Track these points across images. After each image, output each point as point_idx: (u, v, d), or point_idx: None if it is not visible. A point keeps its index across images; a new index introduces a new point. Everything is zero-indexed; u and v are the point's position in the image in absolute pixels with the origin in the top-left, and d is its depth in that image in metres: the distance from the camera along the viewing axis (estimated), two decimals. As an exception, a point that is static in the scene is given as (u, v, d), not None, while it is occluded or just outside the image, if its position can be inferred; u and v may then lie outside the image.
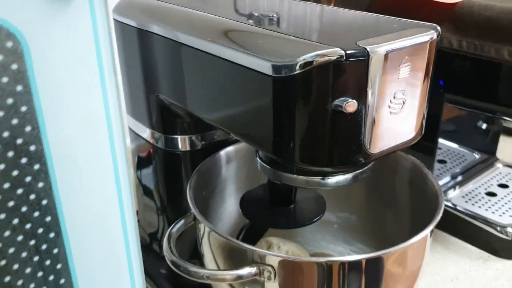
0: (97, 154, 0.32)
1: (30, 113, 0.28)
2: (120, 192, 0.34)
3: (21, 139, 0.29)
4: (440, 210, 0.50)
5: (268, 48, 0.43)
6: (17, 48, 0.27)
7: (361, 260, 0.47)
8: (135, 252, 0.36)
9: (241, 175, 0.64)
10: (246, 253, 0.47)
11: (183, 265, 0.47)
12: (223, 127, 0.50)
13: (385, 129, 0.43)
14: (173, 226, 0.51)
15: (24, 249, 0.31)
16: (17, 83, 0.27)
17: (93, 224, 0.34)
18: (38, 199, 0.31)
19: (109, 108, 0.31)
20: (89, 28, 0.29)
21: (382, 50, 0.40)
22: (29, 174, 0.30)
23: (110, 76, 0.31)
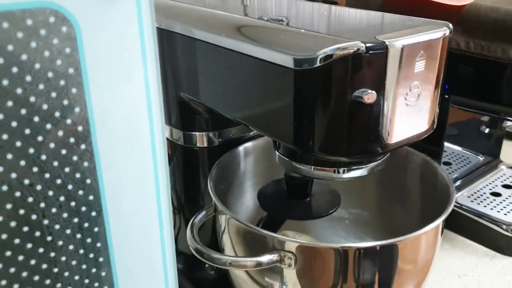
0: (137, 139, 0.34)
1: (79, 95, 0.30)
2: (157, 177, 0.36)
3: (70, 120, 0.31)
4: (452, 200, 0.52)
5: (289, 43, 0.46)
6: (70, 33, 0.29)
7: (375, 246, 0.49)
8: (168, 236, 0.38)
9: (258, 171, 0.66)
10: (266, 240, 0.49)
11: (206, 252, 0.48)
12: (244, 121, 0.52)
13: (402, 120, 0.45)
14: (195, 216, 0.53)
15: (68, 226, 0.33)
16: (69, 66, 0.30)
17: (131, 207, 0.35)
18: (83, 178, 0.32)
19: (150, 93, 0.33)
20: (135, 16, 0.31)
21: (400, 44, 0.42)
22: (76, 154, 0.32)
23: (152, 62, 0.33)
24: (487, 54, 0.64)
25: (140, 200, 0.36)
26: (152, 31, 0.32)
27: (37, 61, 0.28)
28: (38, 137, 0.30)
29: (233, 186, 0.64)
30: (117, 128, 0.33)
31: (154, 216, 0.37)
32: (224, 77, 0.53)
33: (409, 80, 0.44)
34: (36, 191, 0.31)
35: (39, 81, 0.29)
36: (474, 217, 0.81)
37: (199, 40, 0.53)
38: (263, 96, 0.49)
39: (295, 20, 0.52)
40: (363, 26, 0.49)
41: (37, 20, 0.28)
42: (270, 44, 0.46)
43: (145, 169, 0.35)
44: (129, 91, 0.32)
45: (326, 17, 0.53)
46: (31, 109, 0.29)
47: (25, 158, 0.30)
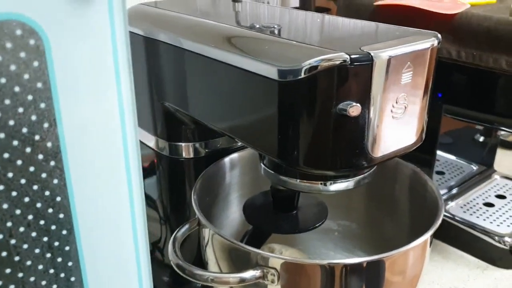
0: (110, 154, 0.33)
1: (48, 110, 0.29)
2: (132, 192, 0.35)
3: (39, 136, 0.29)
4: (441, 214, 0.51)
5: (273, 53, 0.44)
6: (39, 45, 0.28)
7: (362, 263, 0.48)
8: (144, 253, 0.37)
9: (244, 182, 0.65)
10: (249, 256, 0.48)
11: (188, 268, 0.47)
12: (228, 132, 0.51)
13: (388, 133, 0.44)
14: (178, 230, 0.52)
15: (38, 246, 0.32)
16: (38, 80, 0.28)
17: (104, 224, 0.34)
18: (53, 196, 0.31)
19: (124, 107, 0.32)
20: (107, 29, 0.30)
21: (386, 55, 0.41)
22: (45, 171, 0.30)
23: (126, 76, 0.31)
24: (479, 64, 0.63)
25: (114, 217, 0.35)
26: (126, 43, 0.31)
27: (3, 75, 0.27)
28: (4, 154, 0.29)
29: (218, 198, 0.63)
30: (89, 144, 0.31)
31: (128, 234, 0.36)
32: (208, 87, 0.52)
33: (395, 92, 0.43)
34: (2, 210, 0.29)
35: (5, 96, 0.28)
36: (467, 228, 0.80)
37: (184, 50, 0.52)
38: (248, 107, 0.47)
39: (286, 28, 0.51)
40: (350, 36, 0.48)
41: (3, 33, 0.27)
42: (255, 55, 0.45)
43: (119, 185, 0.34)
44: (102, 105, 0.31)
45: (316, 26, 0.52)
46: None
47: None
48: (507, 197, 0.88)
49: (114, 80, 0.31)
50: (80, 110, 0.31)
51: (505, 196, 0.89)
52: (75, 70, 0.30)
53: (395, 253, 0.47)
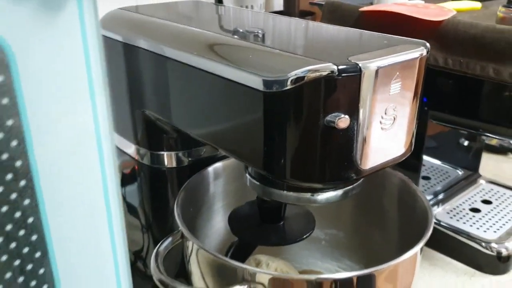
0: (85, 170, 0.31)
1: (16, 127, 0.27)
2: (110, 209, 0.33)
3: (7, 154, 0.27)
4: (430, 227, 0.50)
5: (258, 63, 0.43)
6: (2, 59, 0.26)
7: (352, 278, 0.46)
8: (124, 273, 0.35)
9: (229, 192, 0.63)
10: (236, 271, 0.46)
11: (171, 284, 0.45)
12: (212, 143, 0.49)
13: (377, 145, 0.43)
14: (161, 244, 0.50)
15: (9, 270, 0.30)
16: (3, 96, 0.26)
17: (81, 242, 0.32)
18: (24, 217, 0.29)
19: (99, 122, 0.30)
20: (79, 39, 0.28)
21: (374, 66, 0.40)
22: (15, 191, 0.28)
23: (100, 89, 0.30)
24: (466, 71, 0.62)
25: (91, 236, 0.33)
26: (100, 55, 0.29)
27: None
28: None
29: (202, 209, 0.61)
30: (62, 160, 0.30)
31: (108, 254, 0.34)
32: (191, 96, 0.50)
33: (384, 103, 0.42)
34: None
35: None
36: (453, 234, 0.79)
37: (165, 57, 0.51)
38: (232, 118, 0.46)
39: (271, 35, 0.49)
40: (337, 46, 0.47)
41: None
42: (239, 64, 0.43)
43: (95, 202, 0.32)
44: (75, 119, 0.29)
45: (302, 34, 0.51)
46: (-40, 145, 0.26)
47: (-46, 199, 0.26)
48: (493, 202, 0.88)
49: (88, 92, 0.29)
50: (52, 125, 0.29)
51: (491, 201, 0.88)
52: (44, 84, 0.28)
53: (385, 266, 0.46)
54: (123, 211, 0.34)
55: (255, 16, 0.59)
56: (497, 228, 0.80)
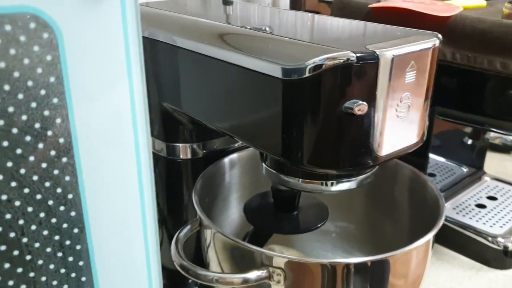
0: (121, 151, 0.32)
1: (61, 105, 0.29)
2: (142, 190, 0.34)
3: (51, 131, 0.29)
4: (443, 213, 0.51)
5: (277, 52, 0.44)
6: (52, 39, 0.27)
7: (366, 262, 0.48)
8: (154, 253, 0.36)
9: (243, 182, 0.64)
10: (254, 256, 0.47)
11: (192, 269, 0.47)
12: (230, 132, 0.51)
13: (392, 132, 0.44)
14: (180, 231, 0.51)
15: (49, 244, 0.31)
16: (50, 75, 0.28)
17: (115, 222, 0.34)
18: (65, 193, 0.31)
19: (135, 102, 0.32)
20: (119, 23, 0.30)
21: (391, 54, 0.41)
22: (57, 167, 0.30)
23: (137, 71, 0.31)
24: (474, 66, 0.63)
25: (125, 215, 0.34)
26: (138, 38, 0.30)
27: (16, 69, 0.27)
28: (17, 150, 0.28)
29: (217, 199, 0.62)
30: (100, 140, 0.31)
31: (139, 233, 0.35)
32: (209, 87, 0.51)
33: (399, 91, 0.43)
34: (14, 207, 0.29)
35: (18, 90, 0.27)
36: (460, 229, 0.80)
37: (183, 49, 0.52)
38: (250, 106, 0.47)
39: (287, 26, 0.51)
40: (351, 36, 0.48)
41: (17, 26, 0.26)
42: (258, 53, 0.45)
43: (130, 182, 0.33)
44: (113, 101, 0.31)
45: (316, 26, 0.52)
46: (9, 120, 0.27)
47: (3, 172, 0.28)
48: (498, 198, 0.89)
49: (126, 75, 0.31)
50: (92, 105, 0.30)
51: (496, 198, 0.90)
52: (87, 65, 0.29)
53: (399, 252, 0.47)
54: (155, 193, 0.35)
55: (269, 11, 0.61)
56: (503, 223, 0.81)
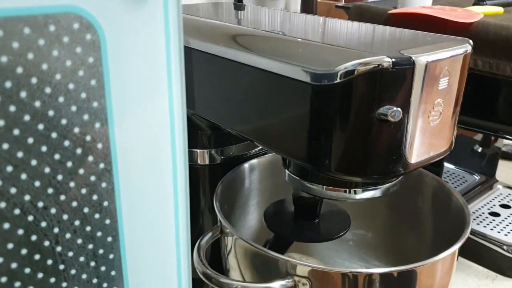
0: (158, 158, 0.31)
1: (101, 109, 0.28)
2: (177, 200, 0.33)
3: (90, 136, 0.28)
4: (469, 223, 0.50)
5: (307, 57, 0.43)
6: (94, 41, 0.26)
7: (392, 272, 0.47)
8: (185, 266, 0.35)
9: (262, 188, 0.63)
10: (277, 264, 0.46)
11: (215, 277, 0.45)
12: (253, 137, 0.50)
13: (424, 139, 0.44)
14: (202, 238, 0.50)
15: (82, 253, 0.30)
16: (92, 77, 0.27)
17: (149, 232, 0.33)
18: (100, 201, 0.30)
19: (174, 109, 0.31)
20: (161, 27, 0.29)
21: (426, 60, 0.41)
22: (94, 174, 0.29)
23: (177, 78, 0.30)
24: (496, 72, 0.63)
25: (158, 225, 0.33)
26: (179, 43, 0.29)
27: (58, 71, 0.26)
28: (55, 155, 0.27)
29: (236, 205, 0.61)
30: (139, 147, 0.30)
31: (171, 243, 0.34)
32: (232, 92, 0.50)
33: (433, 97, 0.42)
34: (50, 215, 0.28)
35: (59, 93, 0.26)
36: (474, 237, 0.79)
37: (206, 53, 0.51)
38: (276, 111, 0.46)
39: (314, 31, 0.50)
40: (383, 41, 0.47)
41: (60, 26, 0.25)
42: (287, 58, 0.44)
43: (165, 191, 0.32)
44: (153, 107, 0.30)
45: (345, 30, 0.51)
46: (49, 124, 0.26)
47: (40, 179, 0.27)
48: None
49: (166, 80, 0.30)
50: (132, 111, 0.29)
51: (510, 206, 0.89)
52: (128, 68, 0.28)
53: (427, 262, 0.46)
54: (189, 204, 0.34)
55: (291, 16, 0.60)
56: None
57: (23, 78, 0.24)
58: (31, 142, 0.26)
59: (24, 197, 0.26)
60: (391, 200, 0.65)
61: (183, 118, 0.31)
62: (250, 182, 0.62)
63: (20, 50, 0.24)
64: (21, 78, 0.24)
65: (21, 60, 0.24)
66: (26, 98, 0.25)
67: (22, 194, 0.26)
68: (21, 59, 0.24)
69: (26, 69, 0.24)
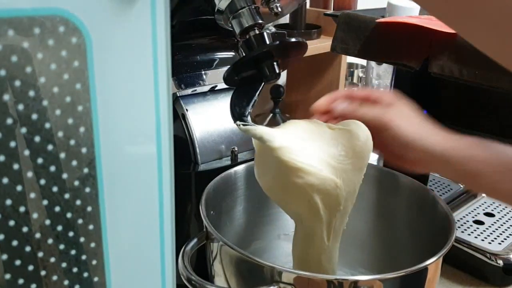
0: (144, 163, 0.31)
1: (86, 113, 0.27)
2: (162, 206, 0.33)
3: (74, 140, 0.28)
4: (453, 231, 0.51)
5: None
6: (80, 44, 0.26)
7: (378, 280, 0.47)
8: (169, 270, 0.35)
9: (249, 195, 0.63)
10: (262, 270, 0.46)
11: (200, 283, 0.45)
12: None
13: None
14: (187, 244, 0.50)
15: (65, 259, 0.30)
16: (77, 81, 0.27)
17: (133, 238, 0.32)
18: (84, 206, 0.29)
19: (160, 115, 0.30)
20: (149, 31, 0.28)
21: None
22: (78, 178, 0.28)
23: (164, 81, 0.30)
24: (481, 82, 0.63)
25: (143, 231, 0.33)
26: (166, 46, 0.29)
27: (43, 74, 0.25)
28: (38, 159, 0.27)
29: (222, 211, 0.61)
30: (124, 151, 0.30)
31: (156, 249, 0.34)
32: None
33: None
34: (32, 220, 0.27)
35: (44, 96, 0.26)
36: (459, 245, 0.80)
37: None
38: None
39: None
40: None
41: (46, 29, 0.25)
42: None
43: (150, 197, 0.32)
44: (139, 110, 0.30)
45: None
46: (33, 128, 0.26)
47: (22, 183, 0.26)
48: (496, 215, 0.89)
49: (153, 84, 0.30)
50: (117, 115, 0.29)
51: (494, 214, 0.90)
52: (114, 73, 0.28)
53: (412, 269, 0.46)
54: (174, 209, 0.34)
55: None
56: (501, 240, 0.81)
57: (6, 81, 0.24)
58: (13, 146, 0.25)
59: (6, 202, 0.26)
60: (376, 207, 0.66)
61: (169, 122, 0.31)
62: (236, 188, 0.62)
63: (3, 53, 0.24)
64: (4, 80, 0.24)
65: (5, 63, 0.24)
66: (9, 101, 0.24)
67: (3, 198, 0.26)
68: (5, 62, 0.24)
69: (9, 71, 0.24)
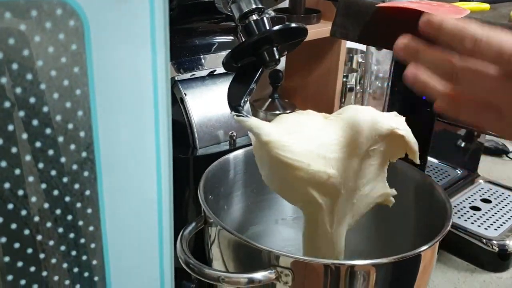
0: (142, 148, 0.31)
1: (84, 97, 0.27)
2: (160, 189, 0.33)
3: (72, 124, 0.28)
4: (450, 217, 0.51)
5: None
6: (78, 27, 0.26)
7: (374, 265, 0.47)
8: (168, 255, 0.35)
9: (248, 180, 0.63)
10: (260, 255, 0.46)
11: (198, 267, 0.45)
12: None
13: None
14: (185, 228, 0.50)
15: (63, 243, 0.30)
16: (75, 64, 0.26)
17: (131, 221, 0.32)
18: (82, 190, 0.29)
19: (158, 100, 0.30)
20: (147, 15, 0.28)
21: None
22: (76, 162, 0.28)
23: (162, 66, 0.30)
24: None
25: (141, 214, 0.33)
26: (165, 30, 0.29)
27: (40, 58, 0.25)
28: (36, 143, 0.27)
29: (220, 196, 0.61)
30: (122, 135, 0.30)
31: (154, 232, 0.34)
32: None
33: None
34: (30, 204, 0.27)
35: (41, 80, 0.26)
36: (455, 231, 0.80)
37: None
38: None
39: None
40: None
41: (43, 12, 0.25)
42: None
43: (149, 181, 0.32)
44: (137, 95, 0.29)
45: None
46: (30, 112, 0.26)
47: (21, 167, 0.26)
48: (492, 201, 0.90)
49: (151, 69, 0.29)
50: (116, 99, 0.29)
51: (490, 200, 0.90)
52: (112, 56, 0.28)
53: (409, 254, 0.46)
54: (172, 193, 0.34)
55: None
56: (497, 226, 0.82)
57: (3, 64, 0.24)
58: (11, 129, 0.25)
59: (4, 185, 0.26)
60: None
61: (167, 108, 0.31)
62: (235, 173, 0.62)
63: (0, 35, 0.23)
64: (1, 63, 0.24)
65: (1, 46, 0.24)
66: (6, 84, 0.24)
67: (1, 182, 0.26)
68: (1, 45, 0.24)
69: (6, 54, 0.24)
